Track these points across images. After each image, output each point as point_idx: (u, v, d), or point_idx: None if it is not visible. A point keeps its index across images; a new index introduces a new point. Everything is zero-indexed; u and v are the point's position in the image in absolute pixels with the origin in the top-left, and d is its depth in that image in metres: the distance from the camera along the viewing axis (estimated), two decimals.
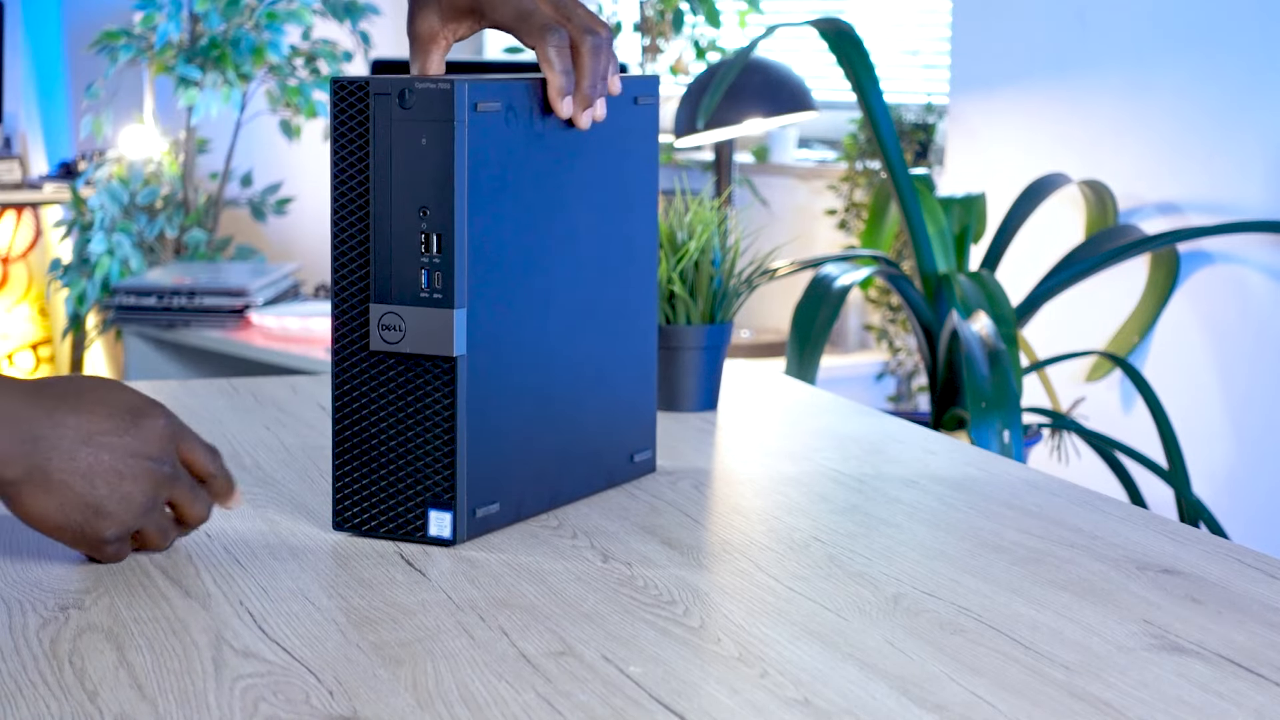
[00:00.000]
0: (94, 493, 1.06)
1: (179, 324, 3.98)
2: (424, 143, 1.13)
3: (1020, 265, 3.12)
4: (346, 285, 1.16)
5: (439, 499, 1.16)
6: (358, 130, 1.14)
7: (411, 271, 1.14)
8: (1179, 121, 3.00)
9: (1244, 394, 2.95)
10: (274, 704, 0.88)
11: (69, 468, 1.05)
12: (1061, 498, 1.31)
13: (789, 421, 1.60)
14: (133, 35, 4.25)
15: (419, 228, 1.14)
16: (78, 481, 1.06)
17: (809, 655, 0.96)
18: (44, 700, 0.88)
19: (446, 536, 1.16)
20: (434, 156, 1.13)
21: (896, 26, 3.80)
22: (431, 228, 1.13)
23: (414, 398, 1.16)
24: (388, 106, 1.13)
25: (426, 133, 1.13)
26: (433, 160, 1.13)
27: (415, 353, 1.14)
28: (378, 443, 1.16)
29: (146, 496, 1.08)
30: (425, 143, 1.13)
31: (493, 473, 1.18)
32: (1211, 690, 0.91)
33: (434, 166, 1.13)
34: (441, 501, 1.16)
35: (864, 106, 2.81)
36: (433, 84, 1.12)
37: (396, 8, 4.56)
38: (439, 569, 1.11)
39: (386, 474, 1.16)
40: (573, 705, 0.88)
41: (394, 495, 1.17)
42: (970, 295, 2.72)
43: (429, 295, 1.14)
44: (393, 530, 1.17)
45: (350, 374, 1.17)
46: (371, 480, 1.17)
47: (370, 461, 1.17)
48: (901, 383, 3.61)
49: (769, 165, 3.85)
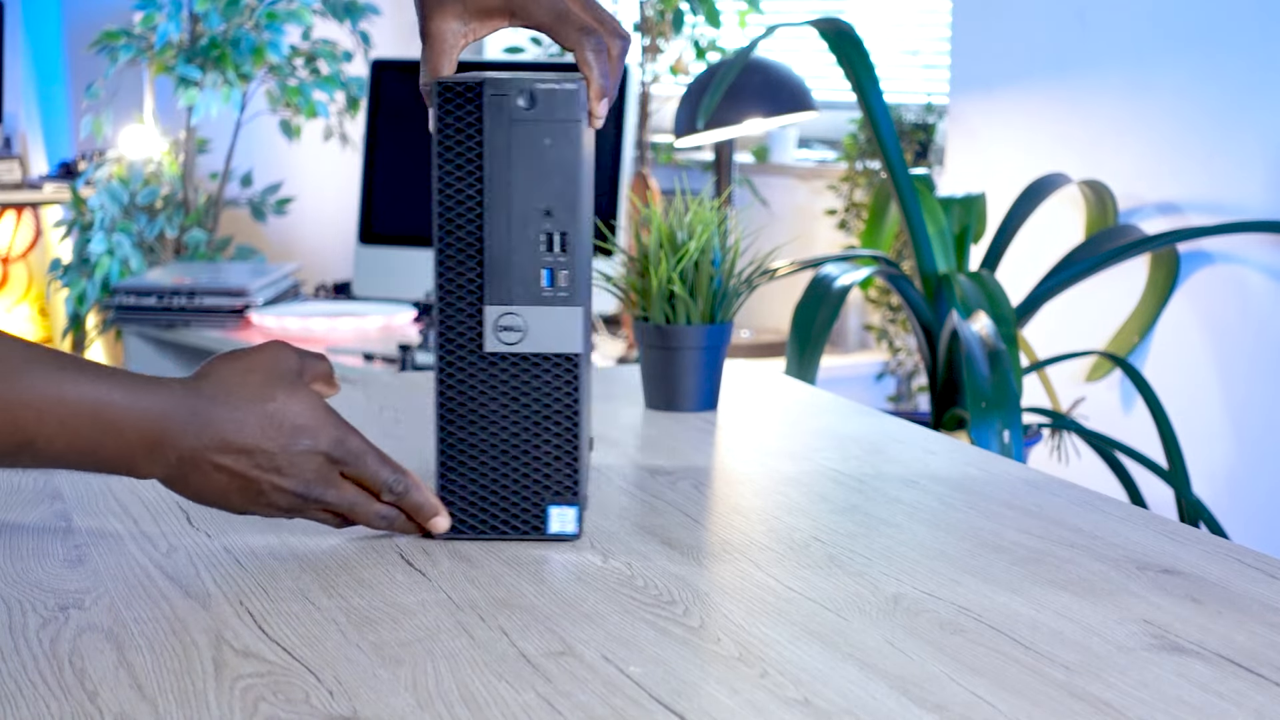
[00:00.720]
0: (229, 501, 1.09)
1: (179, 324, 3.98)
2: (548, 143, 1.14)
3: (1020, 265, 3.12)
4: (454, 289, 1.15)
5: (561, 495, 1.17)
6: (467, 133, 1.14)
7: (533, 271, 1.15)
8: (1179, 121, 3.00)
9: (1244, 394, 2.95)
10: (274, 704, 0.88)
11: (206, 484, 1.08)
12: (1061, 498, 1.31)
13: (789, 421, 1.60)
14: (133, 35, 4.25)
15: (542, 228, 1.15)
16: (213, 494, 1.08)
17: (809, 655, 0.96)
18: (44, 700, 0.88)
19: (571, 532, 1.17)
20: (560, 156, 1.14)
21: (896, 26, 3.80)
22: (556, 227, 1.15)
23: (534, 397, 1.16)
24: (507, 108, 1.14)
25: (552, 133, 1.14)
26: (558, 160, 1.14)
27: (536, 352, 1.15)
28: (491, 444, 1.17)
29: (299, 512, 1.11)
30: (550, 143, 1.14)
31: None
32: (1211, 690, 0.91)
33: (560, 166, 1.14)
34: (564, 498, 1.17)
35: (864, 106, 2.81)
36: (556, 85, 1.14)
37: (396, 8, 4.56)
38: (439, 569, 1.11)
39: (501, 474, 1.17)
40: (573, 705, 0.88)
41: (510, 495, 1.17)
42: (970, 295, 2.72)
43: (553, 295, 1.15)
44: (508, 530, 1.17)
45: (459, 377, 1.16)
46: (484, 482, 1.17)
47: (483, 463, 1.17)
48: (901, 383, 3.61)
49: (769, 165, 3.85)
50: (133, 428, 1.04)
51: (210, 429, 1.06)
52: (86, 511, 1.23)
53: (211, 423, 1.06)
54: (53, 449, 1.01)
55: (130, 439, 1.04)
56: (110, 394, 1.03)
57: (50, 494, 1.28)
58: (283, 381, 1.09)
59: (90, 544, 1.15)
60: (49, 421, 1.01)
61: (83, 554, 1.13)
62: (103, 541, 1.16)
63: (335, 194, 4.71)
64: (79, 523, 1.20)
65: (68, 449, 1.02)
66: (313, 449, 1.09)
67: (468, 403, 1.16)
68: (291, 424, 1.08)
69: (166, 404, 1.05)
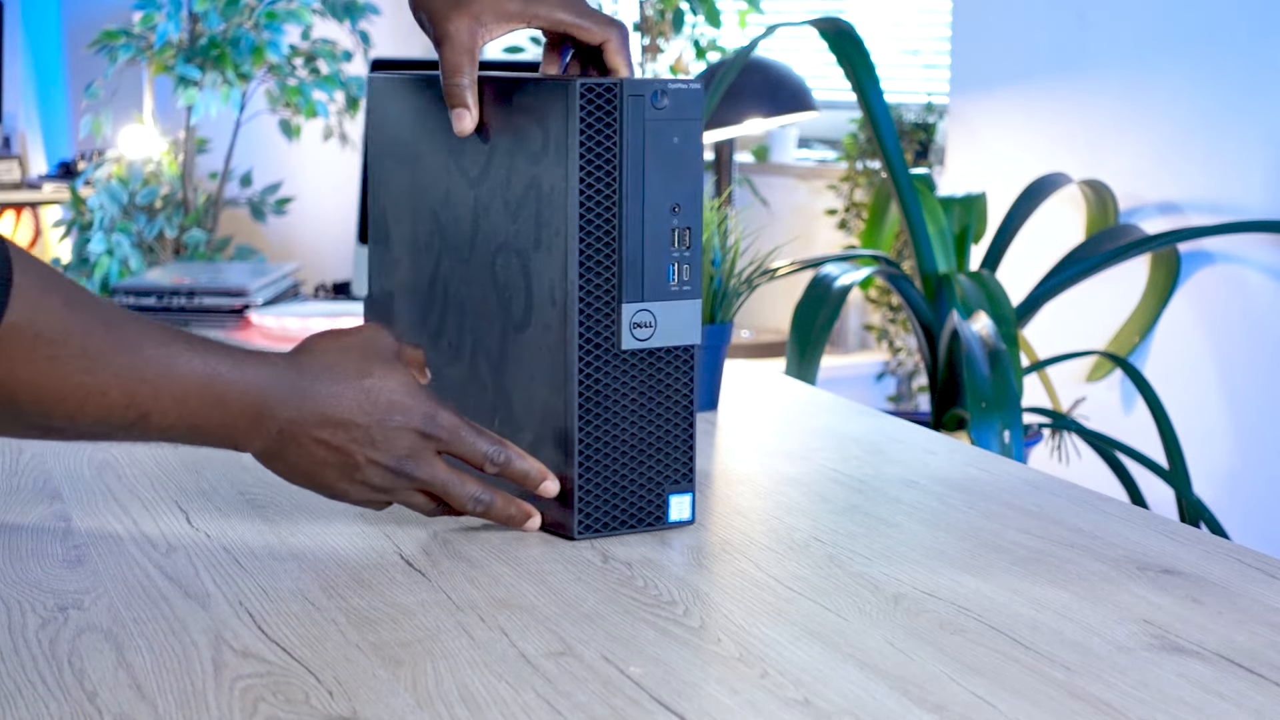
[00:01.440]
0: (323, 476, 1.11)
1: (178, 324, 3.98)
2: (676, 141, 1.16)
3: (1021, 265, 3.12)
4: (594, 289, 1.16)
5: (678, 483, 1.19)
6: (606, 133, 1.15)
7: (661, 267, 1.17)
8: (1179, 121, 3.00)
9: (1245, 394, 2.95)
10: (273, 704, 0.88)
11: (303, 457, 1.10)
12: (1062, 498, 1.31)
13: (789, 421, 1.60)
14: (132, 35, 4.25)
15: (671, 224, 1.17)
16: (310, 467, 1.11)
17: (809, 655, 0.96)
18: (43, 701, 0.88)
19: (688, 519, 1.20)
20: (686, 153, 1.17)
21: (897, 26, 3.80)
22: (683, 222, 1.18)
23: (657, 389, 1.18)
24: (641, 108, 1.15)
25: (679, 131, 1.17)
26: (684, 157, 1.17)
27: (662, 346, 1.17)
28: (622, 439, 1.18)
29: (390, 490, 1.13)
30: (678, 141, 1.17)
31: None
32: (1212, 690, 0.91)
33: (686, 163, 1.17)
34: (681, 485, 1.19)
35: (864, 106, 2.81)
36: (684, 85, 1.17)
37: (396, 7, 4.56)
38: (438, 569, 1.11)
39: (629, 468, 1.18)
40: (572, 705, 0.88)
41: (635, 488, 1.19)
42: (970, 295, 2.72)
43: (678, 289, 1.17)
44: (634, 523, 1.19)
45: (596, 376, 1.17)
46: (615, 478, 1.18)
47: (614, 460, 1.18)
48: (902, 383, 3.61)
49: (769, 165, 3.85)
50: (237, 401, 1.06)
51: (309, 403, 1.09)
52: (86, 512, 1.23)
53: (310, 397, 1.09)
54: (165, 422, 1.04)
55: (234, 412, 1.06)
56: (218, 367, 1.05)
57: (50, 494, 1.28)
58: (379, 359, 1.12)
59: (89, 544, 1.15)
60: (163, 396, 1.03)
61: (82, 554, 1.13)
62: (102, 542, 1.16)
63: (335, 194, 4.71)
64: (78, 523, 1.20)
65: (179, 421, 1.05)
66: (405, 424, 1.11)
67: (603, 400, 1.17)
68: (387, 400, 1.11)
69: (269, 378, 1.08)
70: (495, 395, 1.24)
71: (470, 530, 1.19)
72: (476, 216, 1.24)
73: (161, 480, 1.32)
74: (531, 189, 1.19)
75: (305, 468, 1.11)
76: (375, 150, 1.33)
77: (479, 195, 1.24)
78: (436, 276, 1.29)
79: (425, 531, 1.19)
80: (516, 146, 1.20)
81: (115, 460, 1.38)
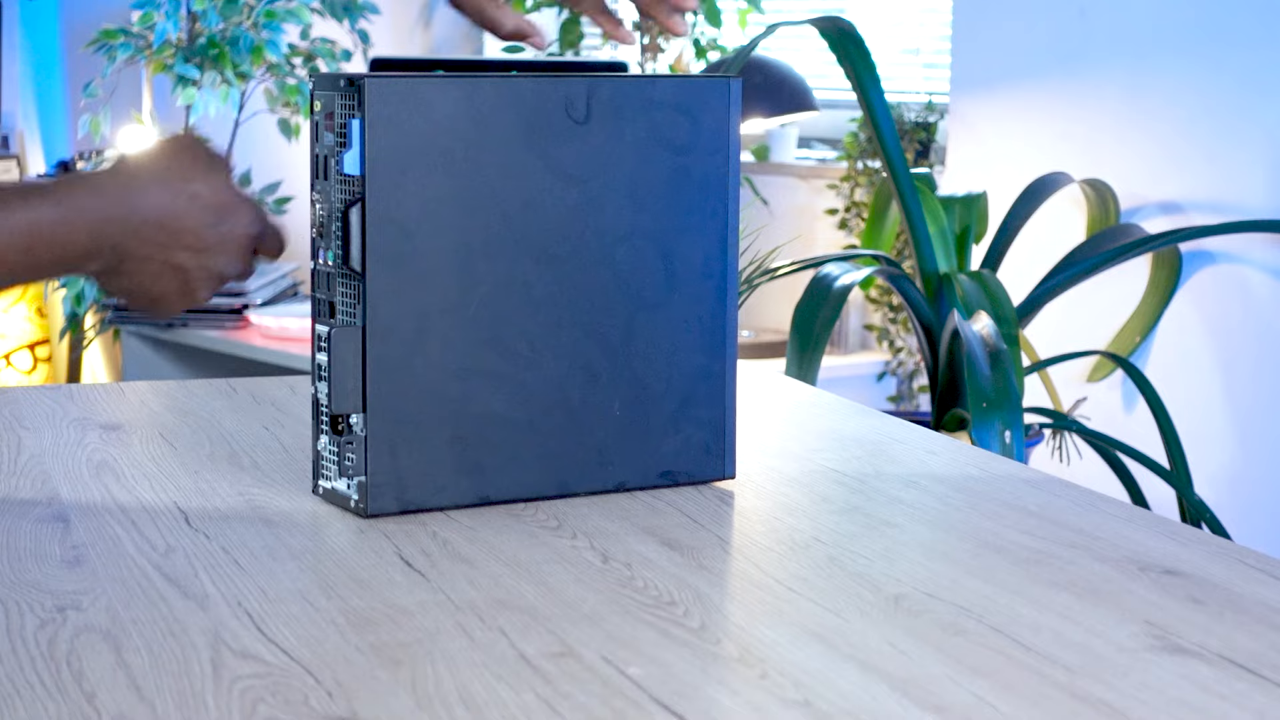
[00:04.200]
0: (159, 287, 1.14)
1: (177, 324, 3.97)
2: None
3: (1022, 265, 3.11)
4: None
5: None
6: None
7: None
8: (1181, 120, 3.00)
9: (1246, 394, 2.95)
10: (273, 705, 0.87)
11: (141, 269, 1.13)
12: (1063, 498, 1.30)
13: (789, 421, 1.59)
14: (131, 34, 4.25)
15: None
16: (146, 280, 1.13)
17: (809, 656, 0.95)
18: (41, 702, 0.87)
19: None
20: None
21: (897, 25, 3.79)
22: None
23: None
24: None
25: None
26: None
27: None
28: None
29: (208, 293, 1.16)
30: None
31: None
32: (1213, 692, 0.91)
33: None
34: None
35: (864, 105, 2.81)
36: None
37: (395, 7, 4.56)
38: (438, 570, 1.10)
39: None
40: (572, 706, 0.88)
41: None
42: (971, 295, 2.72)
43: None
44: None
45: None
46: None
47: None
48: (902, 383, 3.61)
49: (769, 165, 3.85)
50: (66, 235, 1.09)
51: (138, 214, 1.11)
52: (84, 512, 1.23)
53: (140, 209, 1.12)
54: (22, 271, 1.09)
55: (70, 245, 1.10)
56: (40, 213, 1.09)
57: (48, 494, 1.27)
58: (201, 163, 1.15)
59: (88, 545, 1.15)
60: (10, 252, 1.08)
61: (80, 555, 1.13)
62: (100, 542, 1.16)
63: None
64: (77, 523, 1.20)
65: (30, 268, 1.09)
66: (235, 227, 1.15)
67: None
68: (217, 201, 1.14)
69: (96, 203, 1.10)
70: (613, 376, 1.28)
71: (470, 530, 1.19)
72: (582, 212, 1.25)
73: (160, 481, 1.31)
74: (677, 178, 1.28)
75: (140, 282, 1.13)
76: (383, 162, 1.20)
77: (586, 191, 1.25)
78: (509, 283, 1.24)
79: (425, 531, 1.19)
80: (652, 139, 1.27)
81: (114, 460, 1.37)
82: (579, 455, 1.28)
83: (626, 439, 1.29)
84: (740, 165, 1.33)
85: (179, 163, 1.13)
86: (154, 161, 1.13)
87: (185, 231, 1.12)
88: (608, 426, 1.28)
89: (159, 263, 1.12)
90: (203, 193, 1.13)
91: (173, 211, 1.12)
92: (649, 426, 1.30)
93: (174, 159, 1.13)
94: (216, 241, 1.13)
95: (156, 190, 1.12)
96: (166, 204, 1.12)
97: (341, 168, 1.20)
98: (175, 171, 1.13)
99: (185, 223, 1.12)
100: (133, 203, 1.11)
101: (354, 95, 1.19)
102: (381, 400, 1.20)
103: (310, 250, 1.24)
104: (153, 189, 1.12)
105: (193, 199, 1.12)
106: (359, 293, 1.20)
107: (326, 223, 1.22)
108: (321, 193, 1.22)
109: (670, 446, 1.31)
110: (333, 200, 1.21)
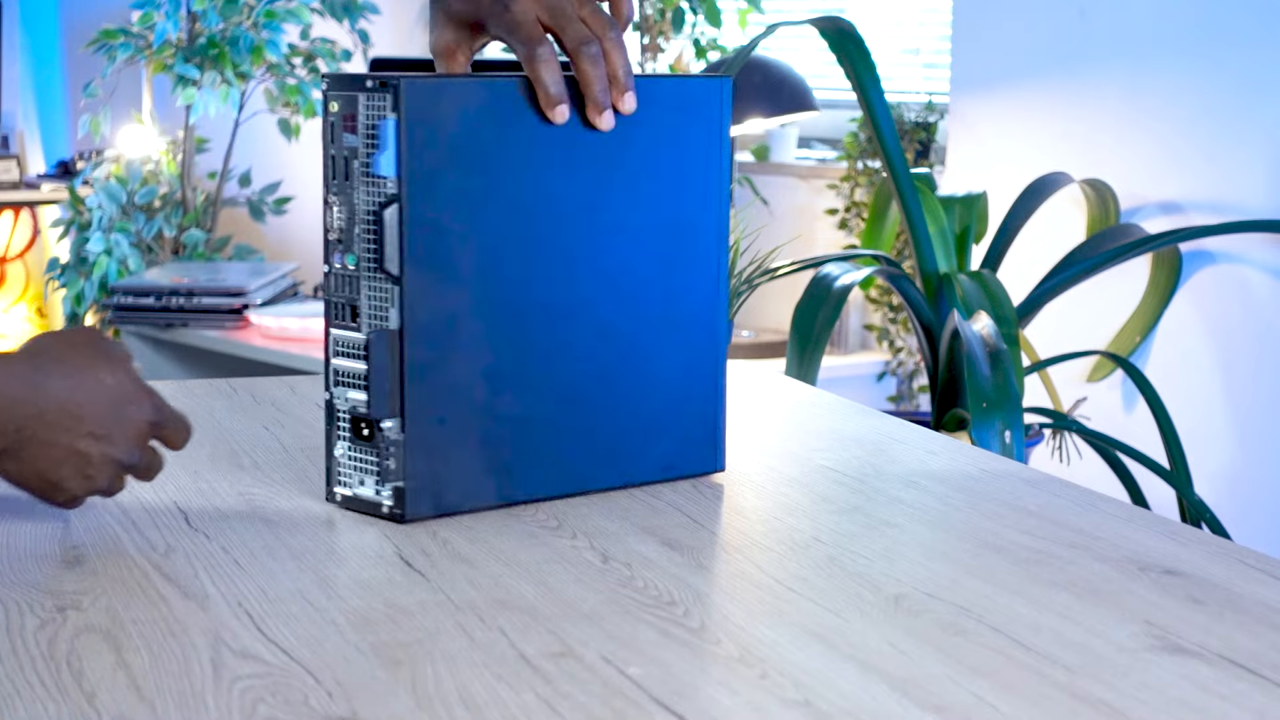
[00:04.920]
0: (58, 473, 1.14)
1: (177, 324, 3.97)
2: None
3: (1021, 265, 3.11)
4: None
5: None
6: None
7: None
8: (1181, 120, 3.00)
9: (1246, 394, 2.95)
10: (273, 705, 0.87)
11: (42, 454, 1.13)
12: (1063, 498, 1.30)
13: (789, 421, 1.59)
14: (131, 34, 4.25)
15: None
16: (46, 465, 1.13)
17: (809, 656, 0.95)
18: (41, 702, 0.87)
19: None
20: None
21: (897, 25, 3.80)
22: None
23: None
24: None
25: None
26: None
27: None
28: None
29: (107, 482, 1.16)
30: None
31: None
32: (1214, 692, 0.91)
33: None
34: None
35: (864, 105, 2.81)
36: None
37: (395, 7, 4.56)
38: (438, 570, 1.10)
39: None
40: (572, 706, 0.88)
41: None
42: (971, 295, 2.72)
43: None
44: None
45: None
46: None
47: None
48: (902, 383, 3.61)
49: (769, 164, 3.85)
50: None
51: (45, 398, 1.12)
52: (84, 512, 1.23)
53: (46, 391, 1.12)
54: None
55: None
56: None
57: None
58: (104, 354, 1.15)
59: (88, 545, 1.15)
60: None
61: (80, 555, 1.13)
62: (100, 542, 1.16)
63: None
64: (77, 523, 1.20)
65: None
66: (138, 415, 1.15)
67: None
68: (120, 391, 1.15)
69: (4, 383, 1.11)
70: (621, 374, 1.29)
71: (470, 530, 1.19)
72: (590, 211, 1.26)
73: (160, 481, 1.31)
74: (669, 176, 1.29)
75: (39, 465, 1.13)
76: (420, 163, 1.18)
77: (594, 190, 1.26)
78: (532, 282, 1.24)
79: (425, 531, 1.18)
80: (645, 139, 1.27)
81: None
82: (592, 453, 1.28)
83: (630, 435, 1.30)
84: (732, 164, 1.33)
85: (83, 353, 1.14)
86: (64, 347, 1.14)
87: (88, 418, 1.13)
88: (617, 424, 1.29)
89: (62, 447, 1.13)
90: (107, 381, 1.14)
91: (77, 399, 1.12)
92: (649, 423, 1.31)
93: (78, 349, 1.15)
94: (118, 429, 1.14)
95: (62, 376, 1.12)
96: (72, 390, 1.12)
97: (376, 169, 1.17)
98: (80, 360, 1.14)
99: (89, 410, 1.13)
100: (41, 387, 1.11)
101: (386, 96, 1.17)
102: (418, 403, 1.20)
103: (324, 253, 1.22)
104: (58, 375, 1.12)
105: (97, 385, 1.13)
106: (392, 295, 1.18)
107: (348, 225, 1.21)
108: (341, 195, 1.20)
109: (667, 441, 1.32)
110: (356, 202, 1.19)
